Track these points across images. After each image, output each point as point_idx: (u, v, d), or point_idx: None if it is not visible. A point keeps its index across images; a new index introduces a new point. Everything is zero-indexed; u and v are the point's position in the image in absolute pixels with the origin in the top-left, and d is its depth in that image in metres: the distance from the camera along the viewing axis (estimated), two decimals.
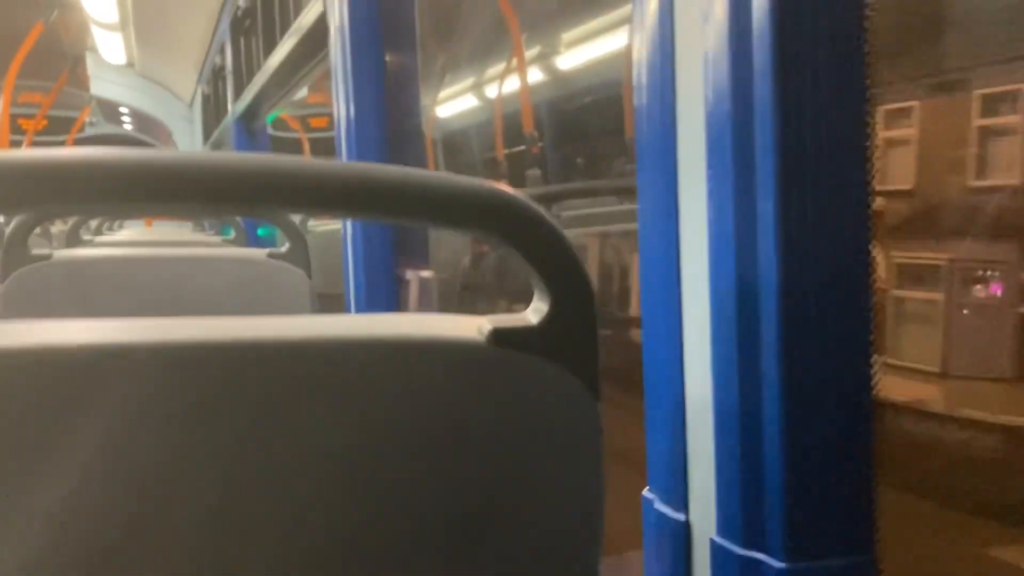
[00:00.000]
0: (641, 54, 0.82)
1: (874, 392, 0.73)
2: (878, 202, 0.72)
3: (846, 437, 0.72)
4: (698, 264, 0.76)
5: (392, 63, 1.74)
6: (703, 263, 0.75)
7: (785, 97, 0.68)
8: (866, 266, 0.72)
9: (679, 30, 0.77)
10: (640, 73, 0.83)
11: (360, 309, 1.74)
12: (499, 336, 0.62)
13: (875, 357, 0.73)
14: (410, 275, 1.61)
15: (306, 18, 2.15)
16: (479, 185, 0.61)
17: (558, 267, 0.63)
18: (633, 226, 0.88)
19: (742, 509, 0.74)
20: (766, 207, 0.69)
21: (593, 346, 0.64)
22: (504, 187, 0.62)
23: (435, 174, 0.61)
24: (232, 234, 3.18)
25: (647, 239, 0.83)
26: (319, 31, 2.04)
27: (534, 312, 0.64)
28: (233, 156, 0.56)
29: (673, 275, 0.79)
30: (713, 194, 0.73)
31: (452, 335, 0.62)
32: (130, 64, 6.82)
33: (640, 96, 0.83)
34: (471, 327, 0.64)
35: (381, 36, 1.73)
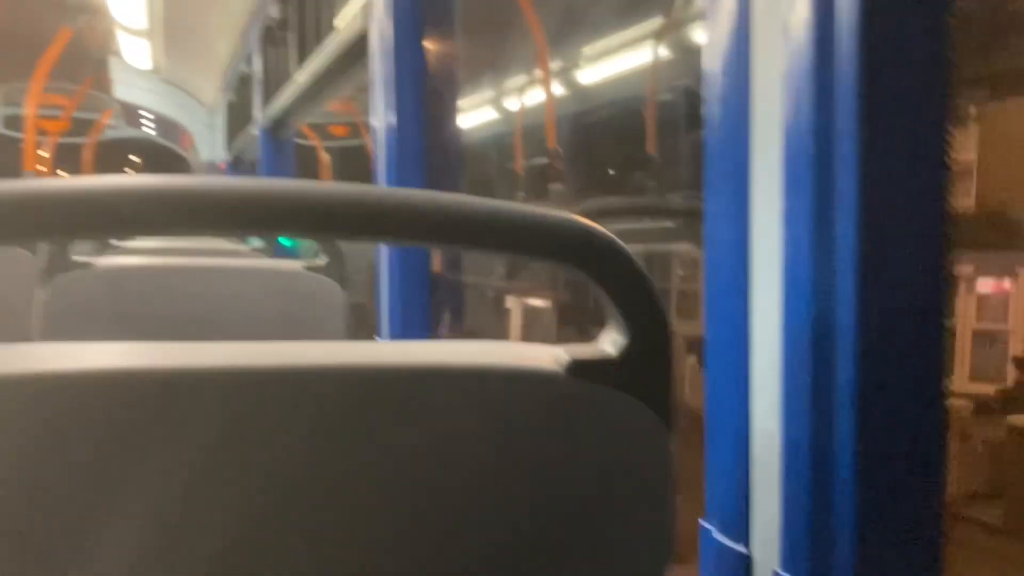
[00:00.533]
0: (713, 71, 0.81)
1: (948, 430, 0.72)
2: None
3: (918, 474, 0.71)
4: (770, 294, 0.75)
5: (433, 75, 1.74)
6: (775, 293, 0.74)
7: (869, 121, 0.67)
8: (942, 301, 0.70)
9: (756, 46, 0.76)
10: (712, 90, 0.81)
11: (395, 329, 1.73)
12: (577, 367, 0.61)
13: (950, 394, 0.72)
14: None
15: (346, 32, 2.16)
16: (558, 216, 0.61)
17: (635, 299, 0.62)
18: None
19: (809, 544, 0.72)
20: (846, 234, 0.68)
21: (668, 379, 0.64)
22: (582, 219, 0.61)
23: (514, 205, 0.61)
24: (253, 242, 3.19)
25: (714, 266, 0.82)
26: (357, 44, 2.04)
27: (611, 343, 0.63)
28: (300, 185, 0.56)
29: (741, 304, 0.78)
30: (789, 218, 0.72)
31: (531, 365, 0.62)
32: (155, 70, 6.87)
33: (712, 115, 0.81)
34: (547, 356, 0.63)
35: (422, 47, 1.73)
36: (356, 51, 2.08)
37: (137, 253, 1.89)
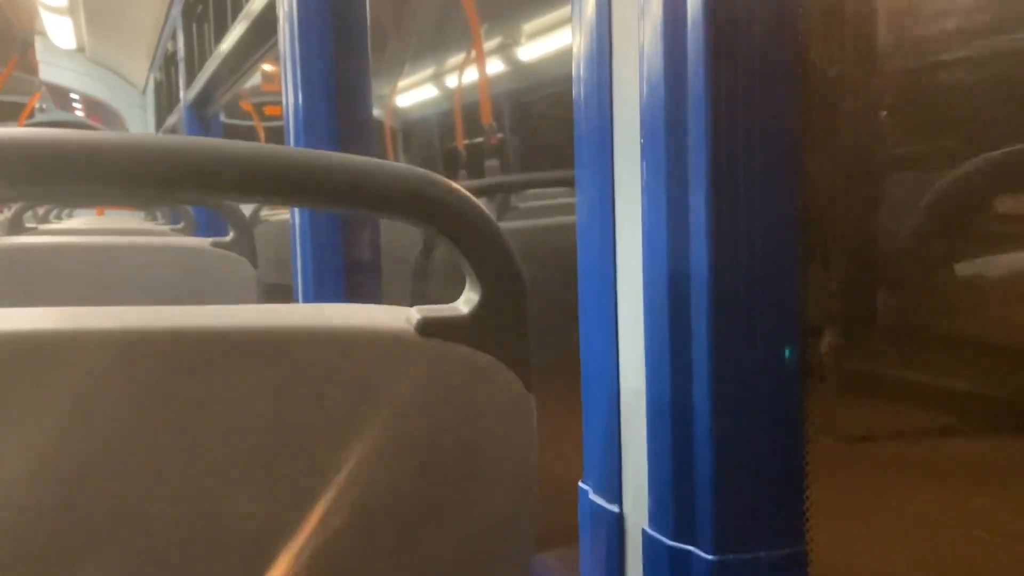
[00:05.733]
0: (580, 48, 0.82)
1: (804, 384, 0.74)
2: None
3: (776, 430, 0.73)
4: (633, 257, 0.76)
5: (343, 49, 1.72)
6: (637, 256, 0.75)
7: (717, 89, 0.68)
8: (795, 258, 0.72)
9: (616, 24, 0.77)
10: (579, 67, 0.83)
11: (307, 299, 1.73)
12: (428, 325, 0.62)
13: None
14: None
15: (255, 3, 2.12)
16: (411, 172, 0.60)
17: (490, 257, 0.62)
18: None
19: (673, 501, 0.74)
20: (698, 199, 0.69)
21: (524, 336, 0.64)
22: (436, 175, 0.61)
23: (364, 159, 0.60)
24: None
25: (584, 232, 0.83)
26: (269, 16, 2.01)
27: (465, 302, 0.64)
28: (149, 137, 0.55)
29: (609, 268, 0.79)
30: (647, 187, 0.74)
31: (380, 324, 0.62)
32: (80, 49, 6.68)
33: (579, 90, 0.83)
34: (400, 317, 0.64)
35: (331, 23, 1.71)
36: (268, 24, 2.05)
37: (50, 234, 1.84)
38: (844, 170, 0.78)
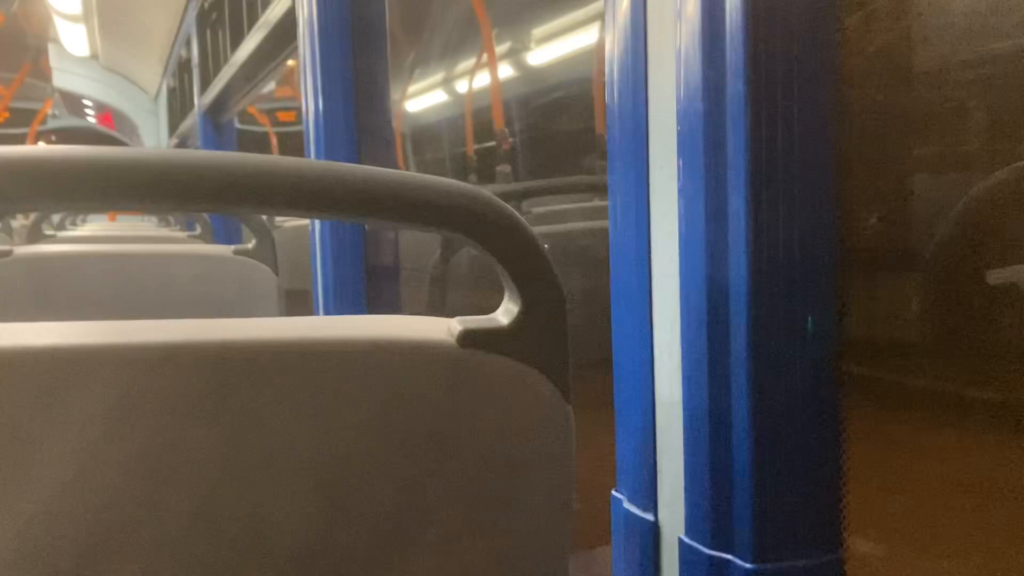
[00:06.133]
0: (613, 52, 0.82)
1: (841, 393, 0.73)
2: None
3: (814, 438, 0.72)
4: (669, 263, 0.76)
5: (362, 57, 1.72)
6: (674, 262, 0.75)
7: (756, 94, 0.68)
8: (833, 266, 0.72)
9: (652, 28, 0.77)
10: (612, 71, 0.82)
11: (328, 308, 1.72)
12: (468, 337, 0.61)
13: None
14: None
15: (274, 11, 2.13)
16: (450, 185, 0.60)
17: (529, 269, 0.62)
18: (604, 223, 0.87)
19: (711, 510, 0.74)
20: (737, 206, 0.69)
21: (564, 348, 0.64)
22: (476, 188, 0.61)
23: (406, 174, 0.60)
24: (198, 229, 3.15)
25: (618, 238, 0.83)
26: (288, 24, 2.01)
27: (504, 313, 0.63)
28: (191, 154, 0.55)
29: (644, 274, 0.79)
30: (684, 192, 0.73)
31: (421, 336, 0.62)
32: (94, 56, 6.72)
33: (612, 94, 0.82)
34: (441, 328, 0.63)
35: (351, 29, 1.71)
36: (287, 32, 2.05)
37: (68, 241, 1.85)
38: (882, 173, 0.77)
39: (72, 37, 6.16)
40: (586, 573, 1.21)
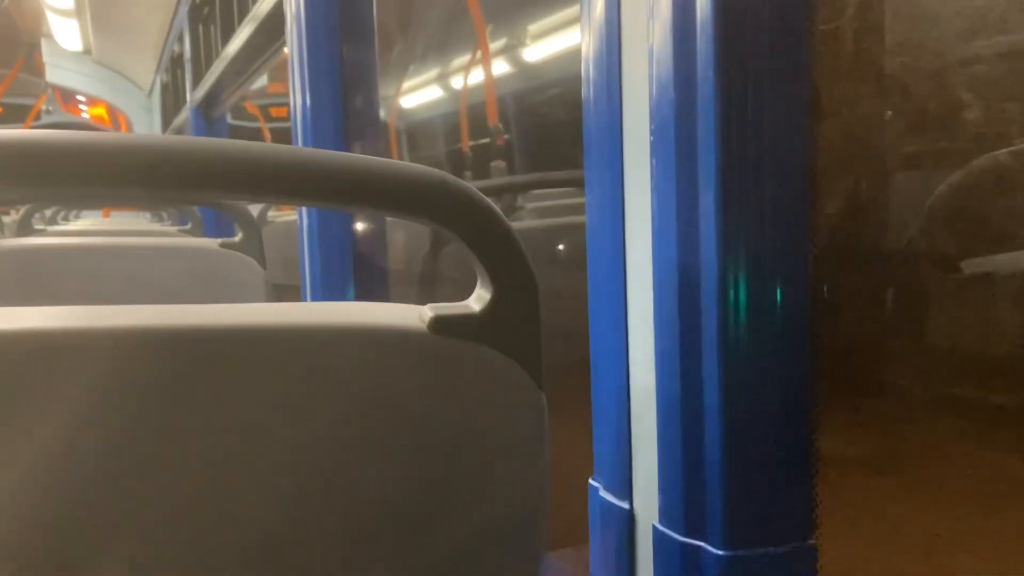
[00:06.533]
0: (589, 49, 0.83)
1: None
2: None
3: (785, 426, 0.73)
4: (643, 254, 0.77)
5: (349, 52, 1.73)
6: (647, 253, 0.76)
7: (727, 90, 0.69)
8: (804, 257, 0.73)
9: (626, 25, 0.78)
10: (588, 68, 0.83)
11: (315, 298, 1.73)
12: (439, 323, 0.62)
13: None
14: None
15: (263, 5, 2.13)
16: (422, 171, 0.61)
17: (501, 256, 0.63)
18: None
19: (683, 497, 0.75)
20: (707, 198, 0.70)
21: (536, 335, 0.65)
22: (446, 174, 0.62)
23: (378, 160, 0.61)
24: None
25: (594, 230, 0.84)
26: (277, 18, 2.02)
27: (477, 300, 0.64)
28: (159, 138, 0.55)
29: (619, 265, 0.80)
30: (657, 185, 0.74)
31: (391, 322, 0.62)
32: (87, 51, 6.69)
33: (588, 91, 0.83)
34: (413, 315, 0.64)
35: (338, 24, 1.72)
36: (276, 25, 2.05)
37: (61, 235, 1.85)
38: (852, 169, 0.78)
39: (65, 32, 6.15)
40: (568, 563, 1.22)
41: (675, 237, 0.72)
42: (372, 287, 1.78)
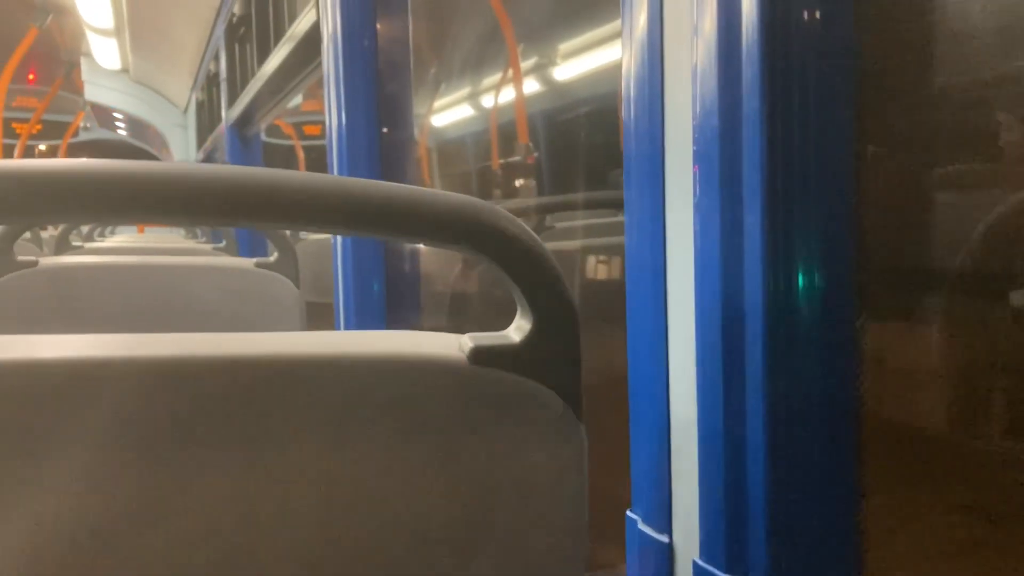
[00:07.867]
0: (630, 68, 0.81)
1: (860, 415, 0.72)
2: None
3: (831, 461, 0.71)
4: (684, 281, 0.75)
5: (385, 72, 1.73)
6: (689, 279, 0.74)
7: (773, 112, 0.67)
8: (851, 285, 0.71)
9: (668, 44, 0.76)
10: (629, 87, 0.82)
11: (349, 321, 1.73)
12: (479, 354, 0.61)
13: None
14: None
15: (300, 26, 2.15)
16: (462, 201, 0.60)
17: (541, 285, 0.62)
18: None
19: (725, 532, 0.72)
20: (753, 224, 0.68)
21: (576, 365, 0.64)
22: (486, 202, 0.61)
23: (419, 189, 0.60)
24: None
25: (633, 255, 0.82)
26: (313, 38, 2.03)
27: (516, 330, 0.63)
28: (206, 169, 0.55)
29: (660, 292, 0.78)
30: (700, 209, 0.72)
31: (431, 352, 0.61)
32: (125, 70, 6.82)
33: (628, 110, 0.82)
34: (452, 344, 0.63)
35: (375, 45, 1.72)
36: (312, 46, 2.07)
37: (97, 253, 1.87)
38: (902, 190, 0.76)
39: (104, 51, 6.27)
40: None
41: (719, 261, 0.70)
42: (405, 311, 1.77)
